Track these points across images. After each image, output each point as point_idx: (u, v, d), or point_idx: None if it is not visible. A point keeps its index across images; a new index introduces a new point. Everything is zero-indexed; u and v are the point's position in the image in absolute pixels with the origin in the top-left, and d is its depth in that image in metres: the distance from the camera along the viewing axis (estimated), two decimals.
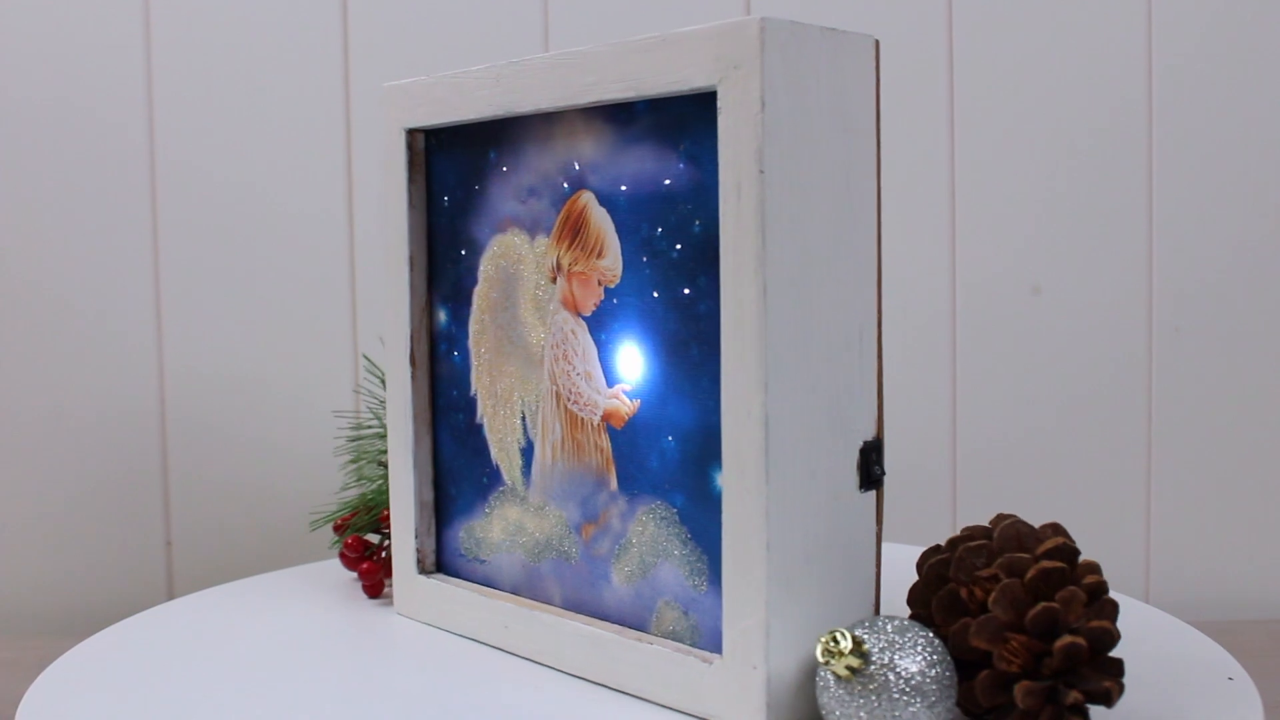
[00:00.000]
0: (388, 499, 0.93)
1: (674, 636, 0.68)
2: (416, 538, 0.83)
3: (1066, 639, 0.59)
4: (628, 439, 0.70)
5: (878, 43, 0.65)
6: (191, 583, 1.16)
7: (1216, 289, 1.17)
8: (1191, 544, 1.18)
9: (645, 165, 0.68)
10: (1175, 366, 1.17)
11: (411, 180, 0.82)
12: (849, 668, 0.58)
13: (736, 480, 0.62)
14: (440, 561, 0.84)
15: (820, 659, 0.59)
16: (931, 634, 0.60)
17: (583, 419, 0.73)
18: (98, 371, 1.16)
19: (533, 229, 0.75)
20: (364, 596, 0.89)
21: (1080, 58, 1.16)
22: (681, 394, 0.67)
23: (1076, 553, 0.63)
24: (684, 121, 0.65)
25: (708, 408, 0.65)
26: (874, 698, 0.58)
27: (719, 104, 0.62)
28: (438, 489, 0.84)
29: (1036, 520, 0.69)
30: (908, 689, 0.58)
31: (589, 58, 0.68)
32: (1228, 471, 1.18)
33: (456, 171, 0.80)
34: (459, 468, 0.82)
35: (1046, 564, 0.61)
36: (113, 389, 1.16)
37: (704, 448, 0.66)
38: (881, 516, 0.67)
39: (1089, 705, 0.59)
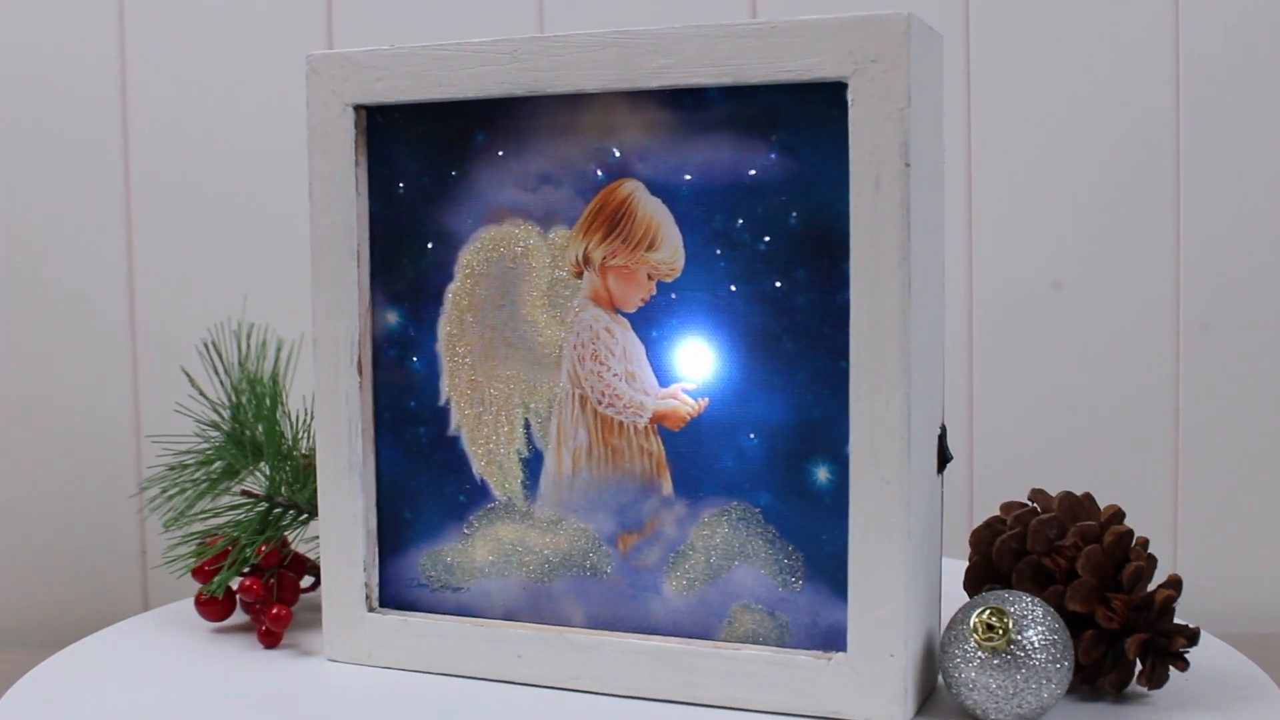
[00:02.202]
0: (270, 534, 0.84)
1: (754, 640, 0.70)
2: (365, 571, 0.77)
3: (1164, 592, 0.68)
4: (689, 440, 0.71)
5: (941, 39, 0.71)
6: (168, 593, 1.10)
7: (1248, 284, 1.11)
8: (1221, 552, 1.12)
9: (721, 154, 0.69)
10: (1204, 366, 1.11)
11: (356, 164, 0.76)
12: (1010, 642, 0.64)
13: (869, 471, 0.66)
14: (384, 596, 0.78)
15: (981, 637, 0.64)
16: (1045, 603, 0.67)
17: (621, 423, 0.72)
18: (70, 373, 1.13)
19: (546, 220, 0.73)
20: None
21: (1104, 41, 1.10)
22: (770, 389, 0.69)
23: (1125, 515, 0.73)
24: (775, 111, 0.67)
25: (806, 402, 0.68)
26: (1026, 668, 0.64)
27: (850, 96, 0.65)
28: (381, 513, 0.78)
29: None
30: (1053, 655, 0.65)
31: (662, 39, 0.68)
32: (1260, 477, 1.12)
33: (420, 155, 0.75)
34: (417, 487, 0.77)
35: (1117, 528, 0.71)
36: (85, 392, 1.12)
37: (799, 443, 0.68)
38: (942, 498, 0.73)
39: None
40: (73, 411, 1.13)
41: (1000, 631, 0.64)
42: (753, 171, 0.68)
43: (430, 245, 0.75)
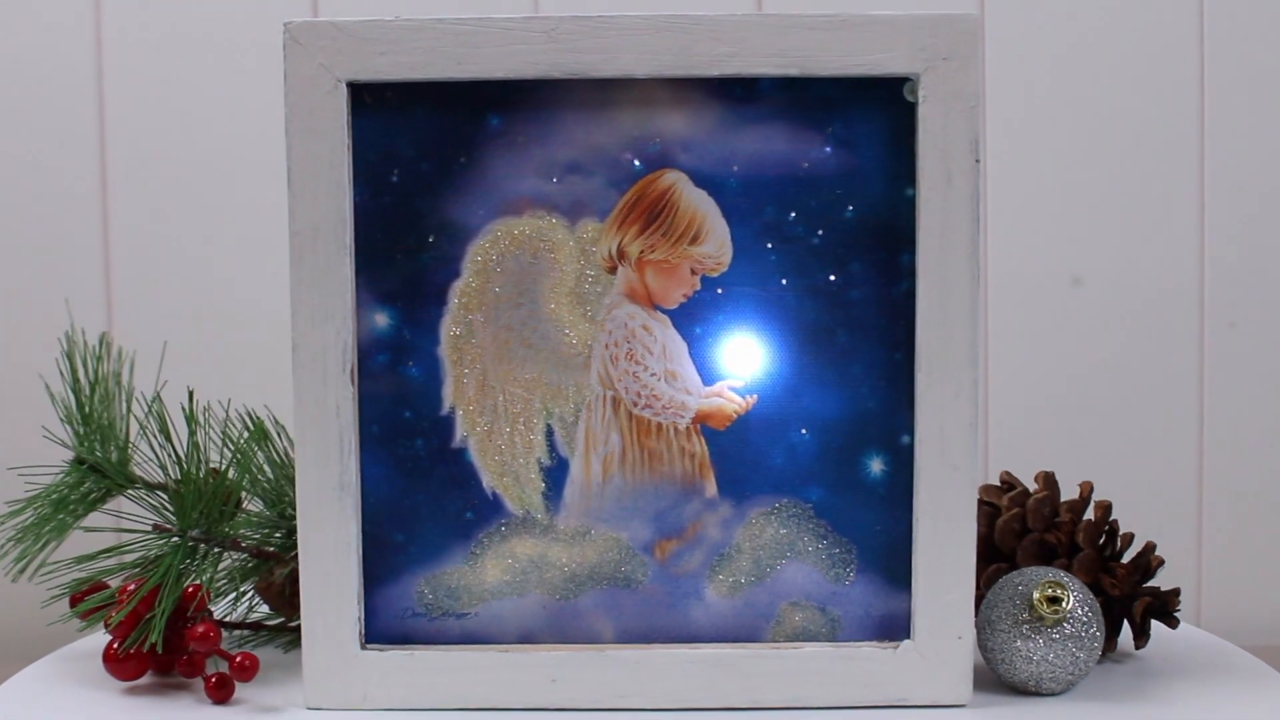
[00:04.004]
0: (202, 574, 0.76)
1: (804, 637, 0.72)
2: (358, 604, 0.72)
3: (1156, 557, 0.77)
4: (735, 439, 0.72)
5: None
6: None
7: (1276, 279, 1.08)
8: (1247, 560, 1.09)
9: (773, 146, 0.70)
10: (1230, 366, 1.08)
11: (347, 147, 0.70)
12: (1069, 613, 0.71)
13: (939, 458, 0.70)
14: (369, 631, 0.73)
15: (1047, 611, 0.70)
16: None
17: (658, 424, 0.72)
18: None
19: (573, 212, 0.71)
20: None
21: (1126, 24, 1.07)
22: (823, 384, 0.71)
23: (1094, 487, 0.81)
24: (831, 104, 0.70)
25: (860, 395, 0.71)
26: (1079, 638, 0.71)
27: (922, 93, 0.68)
28: (366, 539, 0.73)
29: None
30: (1098, 623, 0.72)
31: (723, 26, 0.68)
32: None
33: (419, 139, 0.71)
34: (412, 507, 0.72)
35: (1100, 501, 0.79)
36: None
37: (852, 436, 0.71)
38: None
39: None
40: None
41: (1064, 604, 0.70)
42: (806, 164, 0.70)
43: (431, 239, 0.71)
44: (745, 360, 0.71)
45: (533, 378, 0.71)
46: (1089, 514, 0.78)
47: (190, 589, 0.74)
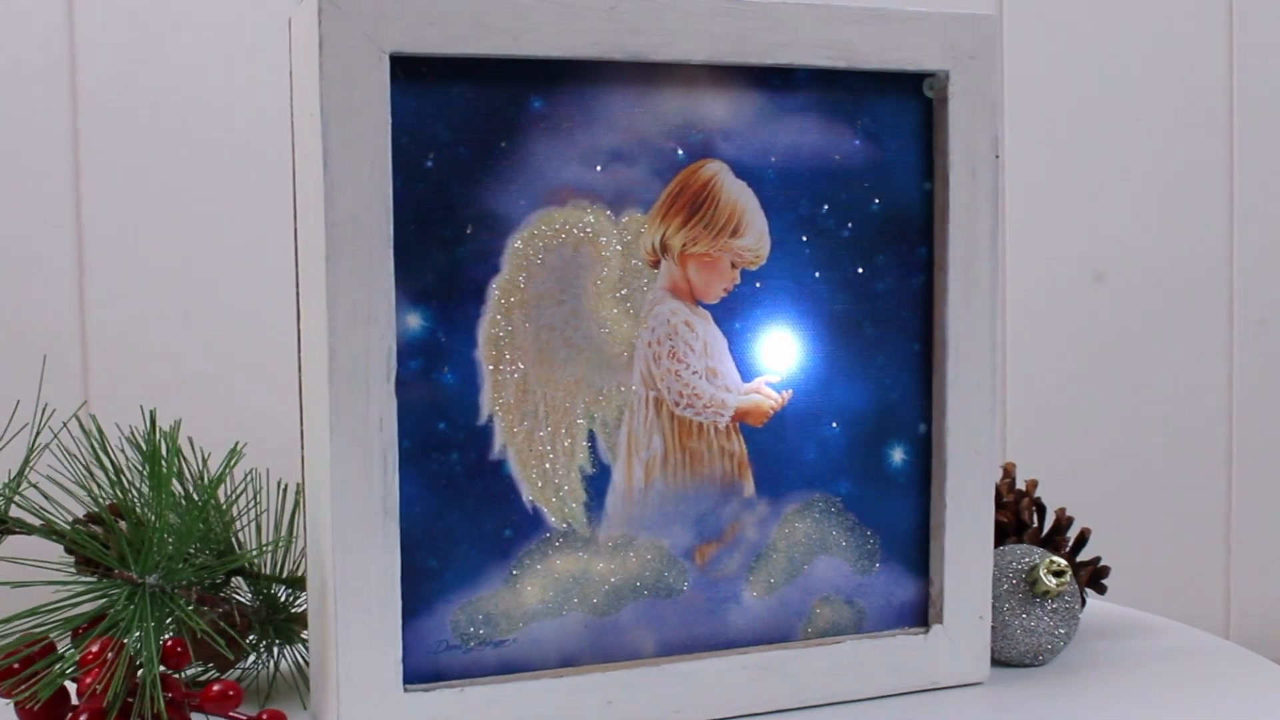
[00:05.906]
0: (191, 625, 0.67)
1: (834, 631, 0.74)
2: (400, 643, 0.67)
3: (1085, 528, 0.86)
4: (771, 436, 0.73)
5: None
6: None
7: None
8: (1279, 570, 1.06)
9: (807, 138, 0.72)
10: (1260, 365, 1.05)
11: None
12: (1068, 586, 0.78)
13: (963, 445, 0.75)
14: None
15: (1050, 583, 0.77)
16: None
17: (700, 424, 0.72)
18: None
19: (617, 202, 0.70)
20: None
21: (1153, 15, 1.02)
22: (852, 376, 0.74)
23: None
24: (860, 97, 0.73)
25: (884, 386, 0.75)
26: (1072, 608, 0.79)
27: (951, 90, 0.73)
28: None
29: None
30: (1079, 593, 0.80)
31: (775, 15, 0.70)
32: None
33: (456, 121, 0.67)
34: (446, 528, 0.68)
35: (1029, 480, 0.87)
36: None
37: (877, 427, 0.75)
38: None
39: None
40: None
41: (1068, 577, 0.76)
42: (838, 156, 0.72)
43: (469, 230, 0.66)
44: (783, 355, 0.72)
45: (575, 380, 0.68)
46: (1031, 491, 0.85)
47: (170, 643, 0.65)
